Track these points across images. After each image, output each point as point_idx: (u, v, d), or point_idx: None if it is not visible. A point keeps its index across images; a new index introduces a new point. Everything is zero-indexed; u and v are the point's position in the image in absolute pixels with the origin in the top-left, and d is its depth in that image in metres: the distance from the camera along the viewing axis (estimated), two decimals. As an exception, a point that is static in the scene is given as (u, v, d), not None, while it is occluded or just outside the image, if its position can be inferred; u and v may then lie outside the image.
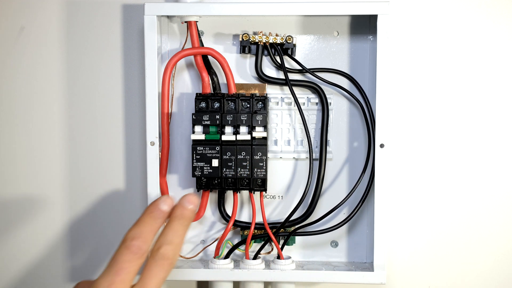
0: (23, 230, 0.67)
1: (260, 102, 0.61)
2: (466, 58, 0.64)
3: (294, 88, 0.63)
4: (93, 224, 0.67)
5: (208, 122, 0.60)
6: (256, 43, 0.62)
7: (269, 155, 0.63)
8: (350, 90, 0.63)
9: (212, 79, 0.62)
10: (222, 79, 0.63)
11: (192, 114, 0.60)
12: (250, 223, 0.63)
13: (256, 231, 0.63)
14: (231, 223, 0.62)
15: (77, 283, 0.48)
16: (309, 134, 0.62)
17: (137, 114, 0.65)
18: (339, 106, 0.64)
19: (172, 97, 0.63)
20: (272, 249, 0.64)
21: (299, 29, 0.63)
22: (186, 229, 0.49)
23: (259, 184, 0.61)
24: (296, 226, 0.63)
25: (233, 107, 0.61)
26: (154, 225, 0.48)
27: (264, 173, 0.60)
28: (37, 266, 0.68)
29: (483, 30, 0.63)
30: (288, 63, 0.63)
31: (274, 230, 0.62)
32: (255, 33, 0.62)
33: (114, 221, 0.67)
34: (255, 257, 0.62)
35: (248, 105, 0.61)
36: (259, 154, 0.60)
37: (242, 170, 0.60)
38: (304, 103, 0.63)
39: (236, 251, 0.63)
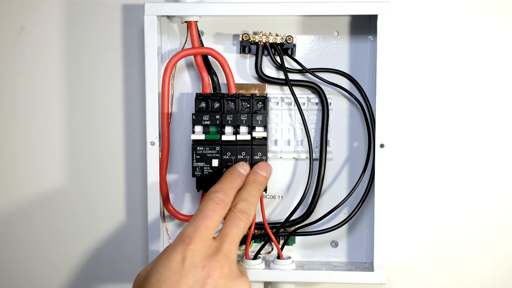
0: (24, 230, 0.67)
1: (260, 102, 0.61)
2: (466, 58, 0.64)
3: (294, 88, 0.63)
4: (93, 224, 0.67)
5: (208, 122, 0.60)
6: (256, 43, 0.62)
7: (269, 155, 0.63)
8: (350, 90, 0.63)
9: (212, 79, 0.62)
10: (222, 79, 0.63)
11: (192, 114, 0.60)
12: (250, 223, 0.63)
13: (256, 231, 0.63)
14: (231, 223, 0.62)
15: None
16: (309, 134, 0.62)
17: (137, 114, 0.65)
18: (339, 106, 0.64)
19: (172, 97, 0.63)
20: (272, 249, 0.64)
21: (299, 29, 0.63)
22: (259, 191, 0.56)
23: (259, 184, 0.61)
24: (296, 226, 0.63)
25: (233, 107, 0.61)
26: (234, 183, 0.55)
27: (264, 173, 0.60)
28: (37, 266, 0.68)
29: (483, 30, 0.63)
30: (288, 63, 0.63)
31: (274, 230, 0.62)
32: (255, 33, 0.62)
33: (114, 220, 0.67)
34: (255, 257, 0.62)
35: (248, 105, 0.61)
36: (259, 154, 0.60)
37: (242, 170, 0.60)
38: (304, 103, 0.63)
39: (236, 251, 0.63)
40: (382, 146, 0.59)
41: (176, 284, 0.48)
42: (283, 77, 0.62)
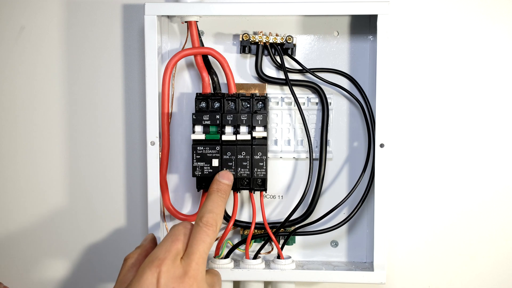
0: (24, 232, 0.67)
1: (260, 102, 0.61)
2: (466, 58, 0.64)
3: (294, 88, 0.63)
4: (94, 224, 0.67)
5: (208, 122, 0.60)
6: (256, 43, 0.62)
7: (269, 155, 0.63)
8: (350, 90, 0.63)
9: (212, 79, 0.62)
10: (222, 79, 0.63)
11: (192, 114, 0.60)
12: (250, 223, 0.63)
13: (256, 230, 0.63)
14: (231, 223, 0.62)
15: (125, 257, 0.54)
16: (309, 134, 0.62)
17: (137, 114, 0.66)
18: (339, 106, 0.64)
19: (172, 97, 0.63)
20: (272, 248, 0.64)
21: (299, 29, 0.63)
22: (224, 200, 0.56)
23: (259, 184, 0.61)
24: (296, 226, 0.63)
25: (233, 107, 0.61)
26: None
27: (264, 173, 0.60)
28: (37, 268, 0.68)
29: (483, 30, 0.63)
30: (288, 63, 0.63)
31: (274, 230, 0.62)
32: (255, 33, 0.62)
33: (114, 220, 0.67)
34: (255, 257, 0.62)
35: (248, 105, 0.61)
36: (259, 154, 0.60)
37: (242, 170, 0.60)
38: (304, 103, 0.63)
39: (236, 251, 0.63)
40: (382, 146, 0.59)
41: None
42: (283, 77, 0.62)
